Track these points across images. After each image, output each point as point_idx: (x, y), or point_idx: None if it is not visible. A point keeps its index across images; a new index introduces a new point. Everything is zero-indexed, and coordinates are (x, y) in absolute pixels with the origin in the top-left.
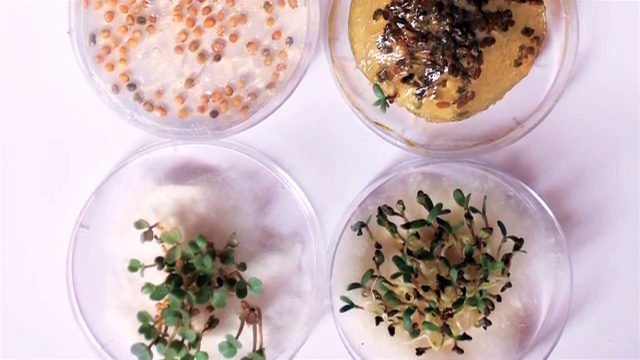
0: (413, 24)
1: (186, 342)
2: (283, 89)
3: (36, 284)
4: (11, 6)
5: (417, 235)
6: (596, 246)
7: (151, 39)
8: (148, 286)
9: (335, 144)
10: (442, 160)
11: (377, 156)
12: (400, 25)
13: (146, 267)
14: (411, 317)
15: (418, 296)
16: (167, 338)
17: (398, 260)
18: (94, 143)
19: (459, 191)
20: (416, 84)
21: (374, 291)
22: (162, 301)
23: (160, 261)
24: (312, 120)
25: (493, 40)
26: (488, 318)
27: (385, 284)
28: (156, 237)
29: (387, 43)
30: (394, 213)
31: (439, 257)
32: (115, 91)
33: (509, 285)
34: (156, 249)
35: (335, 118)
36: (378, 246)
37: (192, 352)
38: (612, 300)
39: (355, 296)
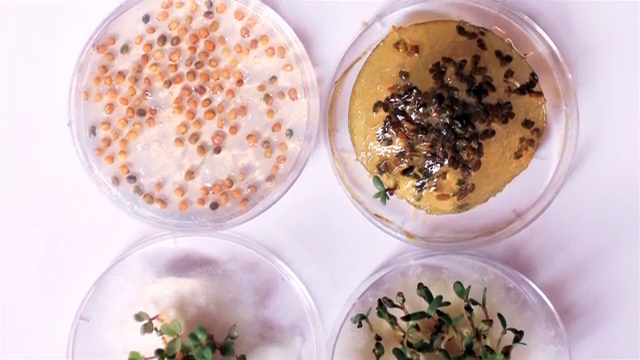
0: (413, 116)
1: None
2: (283, 181)
3: None
4: (11, 98)
5: (417, 327)
6: (596, 338)
7: (151, 131)
8: None
9: (335, 236)
10: (442, 252)
11: (377, 248)
12: (400, 117)
13: (146, 359)
14: None
15: None
16: None
17: (398, 352)
18: (94, 235)
19: (459, 283)
20: (416, 176)
21: None
22: None
23: (160, 353)
24: (312, 212)
25: (493, 132)
26: None
27: None
28: (156, 329)
29: (387, 135)
30: (394, 305)
31: (439, 349)
32: (115, 183)
33: None
34: (156, 341)
35: (335, 210)
36: (378, 338)
37: None
38: None
39: None
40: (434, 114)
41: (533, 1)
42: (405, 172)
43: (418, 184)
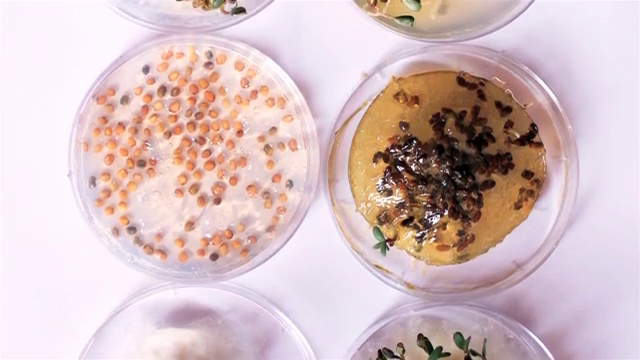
0: (413, 167)
1: None
2: (283, 232)
3: None
4: (12, 149)
5: None
6: None
7: (151, 182)
8: None
9: (335, 286)
10: (442, 303)
11: (377, 299)
12: (400, 168)
13: None
14: None
15: None
16: None
17: None
18: (94, 286)
19: (459, 334)
20: (416, 227)
21: None
22: None
23: None
24: (312, 262)
25: (493, 183)
26: None
27: None
28: None
29: (387, 186)
30: (394, 356)
31: None
32: (115, 234)
33: None
34: None
35: (335, 261)
36: None
37: None
38: None
39: None
40: (434, 165)
41: (533, 52)
42: (405, 223)
43: (418, 235)
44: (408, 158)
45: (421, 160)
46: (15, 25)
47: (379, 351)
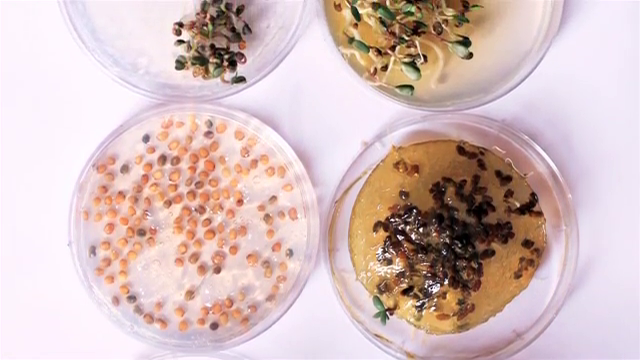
0: (413, 236)
1: None
2: (283, 301)
3: None
4: (11, 218)
5: None
6: None
7: (151, 251)
8: None
9: (335, 356)
10: None
11: None
12: (400, 237)
13: None
14: None
15: None
16: None
17: None
18: (94, 355)
19: None
20: (416, 296)
21: None
22: None
23: None
24: (312, 332)
25: (493, 252)
26: None
27: None
28: None
29: (387, 255)
30: None
31: None
32: (115, 303)
33: None
34: None
35: (335, 330)
36: None
37: None
38: None
39: None
40: (434, 234)
41: (533, 121)
42: (405, 292)
43: (418, 304)
44: (408, 227)
45: (421, 229)
46: (15, 94)
47: None
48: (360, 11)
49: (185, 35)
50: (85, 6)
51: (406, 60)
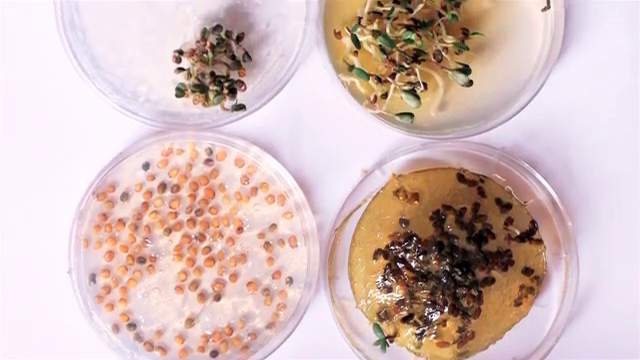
0: (413, 264)
1: None
2: (283, 329)
3: None
4: (12, 245)
5: None
6: None
7: (151, 279)
8: None
9: None
10: None
11: None
12: (400, 265)
13: None
14: None
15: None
16: None
17: None
18: None
19: None
20: (416, 324)
21: None
22: None
23: None
24: (312, 359)
25: (493, 280)
26: None
27: None
28: None
29: (387, 283)
30: None
31: None
32: (115, 331)
33: None
34: None
35: (335, 358)
36: None
37: None
38: None
39: None
40: (434, 262)
41: (533, 148)
42: (405, 320)
43: (418, 332)
44: (408, 255)
45: (421, 257)
46: (15, 121)
47: None
48: (360, 39)
49: (185, 63)
50: (85, 34)
51: (406, 88)
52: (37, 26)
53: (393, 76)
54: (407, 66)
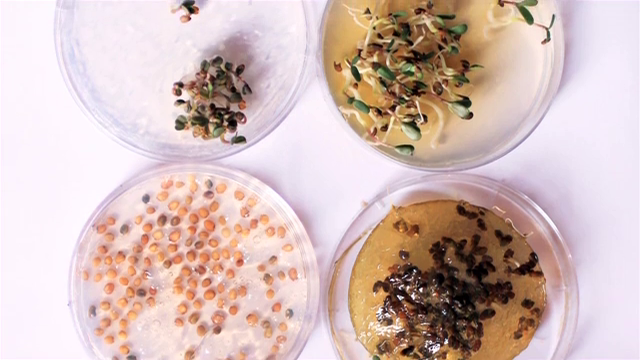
0: (413, 296)
1: None
2: None
3: None
4: (12, 278)
5: None
6: None
7: (151, 311)
8: None
9: None
10: None
11: None
12: (400, 297)
13: None
14: None
15: None
16: None
17: None
18: None
19: None
20: (416, 356)
21: None
22: None
23: None
24: None
25: (493, 312)
26: None
27: None
28: None
29: (387, 315)
30: None
31: None
32: None
33: None
34: None
35: None
36: None
37: None
38: None
39: None
40: (434, 294)
41: (533, 181)
42: (405, 352)
43: None
44: (408, 287)
45: (421, 289)
46: (15, 153)
47: None
48: (360, 71)
49: (185, 95)
50: (85, 66)
51: (406, 120)
52: (37, 58)
53: (393, 108)
54: (407, 98)
